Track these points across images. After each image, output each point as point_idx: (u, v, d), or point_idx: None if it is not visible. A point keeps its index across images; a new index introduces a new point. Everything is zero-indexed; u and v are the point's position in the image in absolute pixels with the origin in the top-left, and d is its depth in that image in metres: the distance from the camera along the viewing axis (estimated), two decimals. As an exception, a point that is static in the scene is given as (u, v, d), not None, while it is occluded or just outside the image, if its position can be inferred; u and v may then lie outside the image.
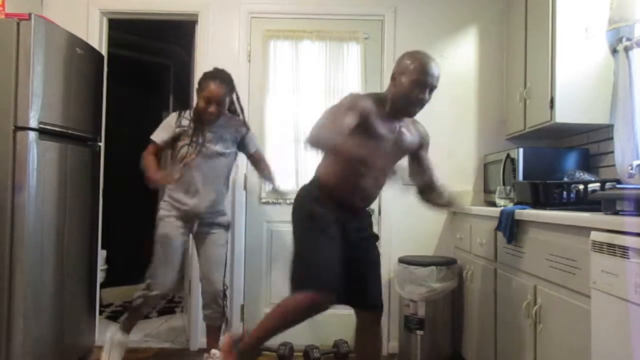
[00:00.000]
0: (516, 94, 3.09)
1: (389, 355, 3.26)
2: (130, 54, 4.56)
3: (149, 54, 4.82)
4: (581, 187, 2.30)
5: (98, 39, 3.37)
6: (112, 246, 3.99)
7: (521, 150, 2.83)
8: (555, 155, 2.89)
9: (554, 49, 2.62)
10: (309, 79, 3.40)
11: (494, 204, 2.83)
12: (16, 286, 2.44)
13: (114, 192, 3.56)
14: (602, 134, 2.74)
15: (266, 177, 2.98)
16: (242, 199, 3.39)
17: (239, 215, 3.37)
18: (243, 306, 3.38)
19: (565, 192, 2.31)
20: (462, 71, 3.42)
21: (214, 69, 2.79)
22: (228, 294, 3.01)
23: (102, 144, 3.32)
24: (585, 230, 1.66)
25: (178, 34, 4.29)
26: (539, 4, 2.80)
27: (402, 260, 3.10)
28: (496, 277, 2.54)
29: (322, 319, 3.25)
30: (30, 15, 2.47)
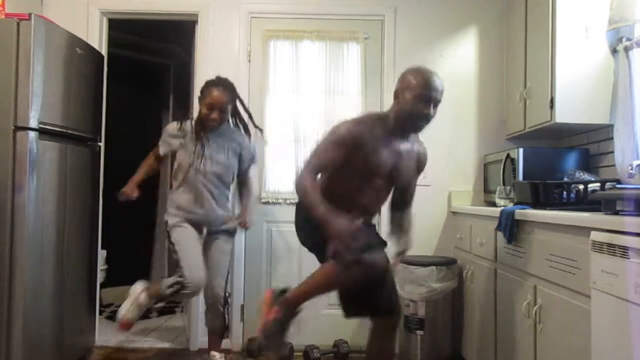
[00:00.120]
0: (516, 94, 3.09)
1: (389, 355, 3.26)
2: (130, 54, 4.55)
3: (149, 54, 4.81)
4: (581, 187, 2.30)
5: (98, 39, 3.37)
6: (112, 246, 3.99)
7: (521, 150, 2.83)
8: (555, 155, 2.89)
9: (554, 49, 2.62)
10: (309, 79, 3.40)
11: (494, 204, 2.83)
12: (16, 286, 2.44)
13: (114, 192, 3.55)
14: (602, 134, 2.74)
15: (243, 203, 3.00)
16: (242, 199, 3.39)
17: (239, 215, 3.36)
18: (243, 306, 3.38)
19: (565, 192, 2.30)
20: (462, 71, 3.42)
21: (216, 77, 2.81)
22: (230, 300, 2.99)
23: (102, 144, 3.32)
24: (585, 230, 1.66)
25: (178, 34, 4.28)
26: (539, 4, 2.80)
27: (402, 260, 3.09)
28: (496, 277, 2.54)
29: (322, 319, 3.21)
30: (30, 15, 2.47)
